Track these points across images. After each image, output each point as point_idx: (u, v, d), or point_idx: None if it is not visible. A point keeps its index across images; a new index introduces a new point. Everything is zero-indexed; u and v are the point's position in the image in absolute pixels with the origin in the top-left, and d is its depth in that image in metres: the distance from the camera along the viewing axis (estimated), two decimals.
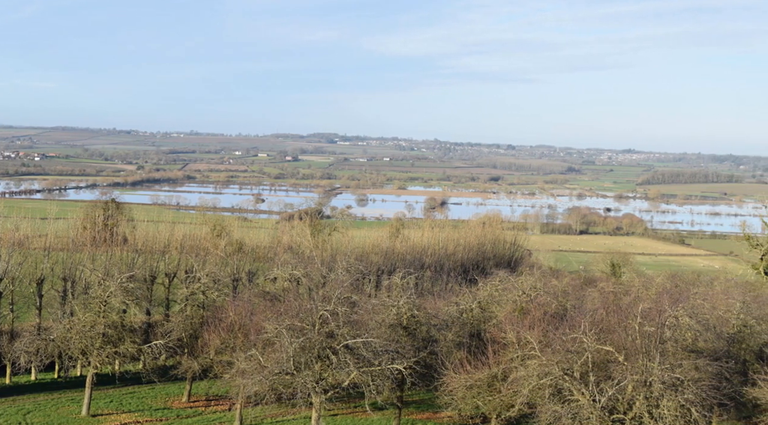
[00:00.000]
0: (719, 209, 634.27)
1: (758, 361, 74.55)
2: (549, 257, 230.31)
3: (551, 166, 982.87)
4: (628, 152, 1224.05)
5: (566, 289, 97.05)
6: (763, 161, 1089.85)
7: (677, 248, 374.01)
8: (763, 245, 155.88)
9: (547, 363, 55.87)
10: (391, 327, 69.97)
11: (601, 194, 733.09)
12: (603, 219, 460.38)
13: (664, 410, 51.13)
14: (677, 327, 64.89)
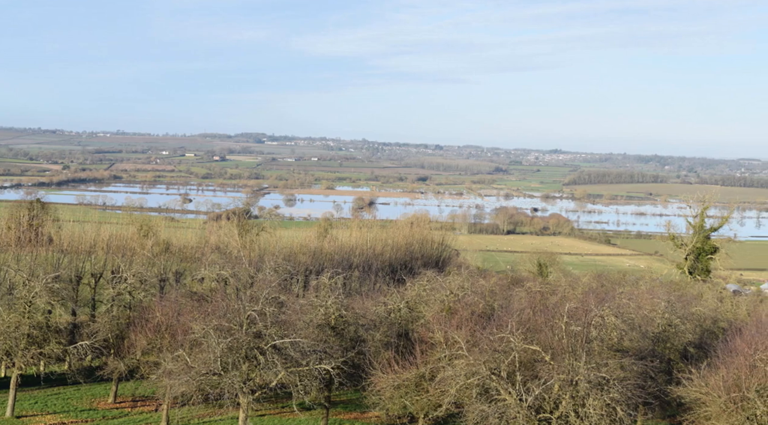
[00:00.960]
0: (644, 209, 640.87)
1: (682, 360, 75.31)
2: (477, 257, 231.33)
3: (479, 166, 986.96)
4: (555, 152, 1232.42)
5: (493, 289, 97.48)
6: (687, 161, 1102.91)
7: (603, 248, 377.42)
8: (687, 245, 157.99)
9: (474, 362, 56.03)
10: (319, 327, 69.90)
11: (528, 194, 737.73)
12: (530, 219, 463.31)
13: (590, 409, 51.52)
14: (603, 327, 65.34)
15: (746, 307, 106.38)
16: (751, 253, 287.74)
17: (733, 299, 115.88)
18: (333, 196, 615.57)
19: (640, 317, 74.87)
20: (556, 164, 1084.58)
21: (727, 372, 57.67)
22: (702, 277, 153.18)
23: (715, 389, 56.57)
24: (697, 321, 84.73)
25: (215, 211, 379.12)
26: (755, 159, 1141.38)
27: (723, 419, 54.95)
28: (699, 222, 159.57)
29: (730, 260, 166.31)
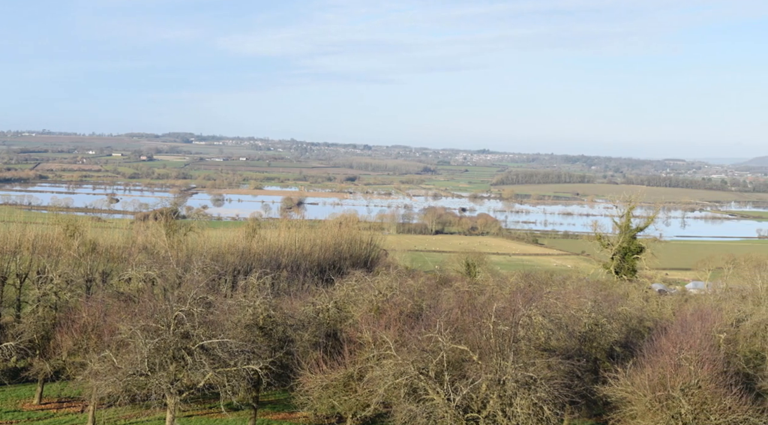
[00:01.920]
0: (572, 209, 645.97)
1: (609, 359, 75.97)
2: (405, 256, 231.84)
3: (407, 166, 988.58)
4: (483, 152, 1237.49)
5: (422, 289, 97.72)
6: (614, 161, 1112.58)
7: (531, 248, 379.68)
8: (613, 245, 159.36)
9: (402, 362, 56.14)
10: (247, 327, 69.64)
11: (456, 194, 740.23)
12: (458, 219, 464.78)
13: (518, 408, 51.81)
14: (530, 326, 65.72)
15: (671, 306, 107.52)
16: (676, 253, 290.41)
17: (659, 299, 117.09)
18: (261, 196, 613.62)
19: (567, 316, 75.35)
20: (484, 164, 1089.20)
21: (652, 371, 58.25)
22: (628, 277, 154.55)
23: (641, 388, 57.12)
24: (623, 320, 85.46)
25: (142, 211, 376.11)
26: (680, 159, 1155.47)
27: (648, 418, 55.50)
28: (625, 222, 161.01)
29: (656, 259, 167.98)
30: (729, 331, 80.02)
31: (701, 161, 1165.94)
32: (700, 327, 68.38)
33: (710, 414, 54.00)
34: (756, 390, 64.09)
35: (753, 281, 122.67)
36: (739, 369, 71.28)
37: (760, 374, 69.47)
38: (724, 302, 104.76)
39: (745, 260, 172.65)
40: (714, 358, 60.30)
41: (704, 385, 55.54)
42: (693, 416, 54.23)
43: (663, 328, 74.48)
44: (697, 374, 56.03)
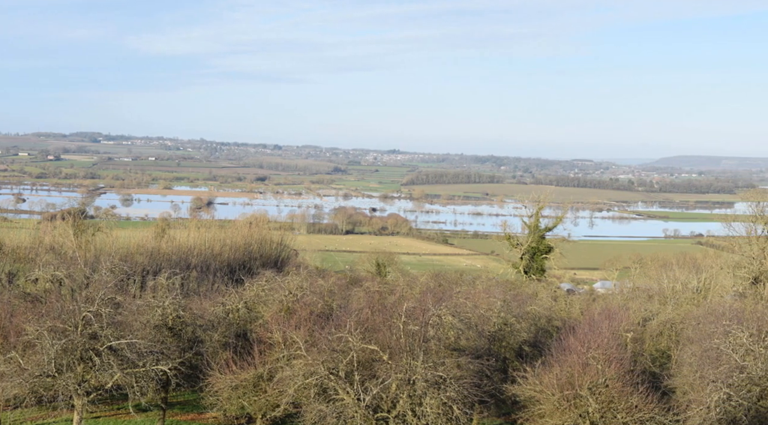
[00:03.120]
0: (481, 209, 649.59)
1: (518, 359, 76.49)
2: (316, 256, 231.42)
3: (318, 166, 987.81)
4: (393, 152, 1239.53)
5: (332, 289, 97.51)
6: (523, 161, 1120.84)
7: (441, 248, 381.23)
8: (522, 245, 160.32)
9: (312, 362, 56.04)
10: (156, 327, 69.10)
11: (366, 194, 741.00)
12: (369, 219, 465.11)
13: (427, 408, 51.99)
14: (440, 326, 65.95)
15: (579, 306, 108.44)
16: (584, 252, 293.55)
17: (567, 298, 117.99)
18: (171, 196, 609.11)
19: (477, 316, 75.70)
20: (394, 164, 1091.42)
21: (560, 370, 58.75)
22: (537, 276, 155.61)
23: (549, 387, 57.58)
24: (532, 319, 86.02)
25: (50, 211, 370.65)
26: (588, 160, 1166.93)
27: (556, 416, 55.98)
28: (534, 222, 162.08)
29: (564, 259, 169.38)
30: (636, 330, 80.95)
31: (609, 162, 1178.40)
32: (608, 327, 69.07)
33: (617, 412, 54.61)
34: (662, 389, 64.89)
35: (659, 280, 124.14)
36: (645, 368, 72.17)
37: (666, 372, 70.40)
38: (631, 301, 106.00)
39: (651, 260, 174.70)
40: (621, 357, 60.98)
41: (611, 384, 56.17)
42: (600, 414, 54.80)
43: (571, 327, 75.05)
44: (605, 373, 56.64)
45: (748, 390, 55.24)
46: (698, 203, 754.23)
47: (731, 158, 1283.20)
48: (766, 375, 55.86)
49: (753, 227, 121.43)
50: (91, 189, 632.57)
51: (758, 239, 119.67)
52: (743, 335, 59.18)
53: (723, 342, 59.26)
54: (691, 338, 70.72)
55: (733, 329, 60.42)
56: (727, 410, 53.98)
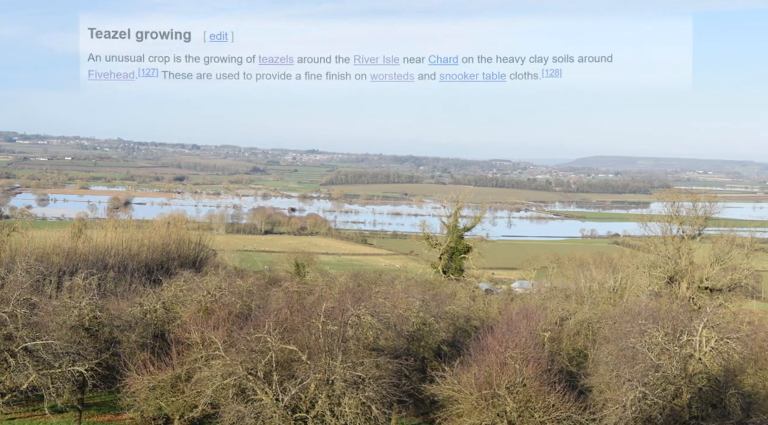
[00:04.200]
0: (400, 209, 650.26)
1: (436, 358, 76.70)
2: (234, 257, 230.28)
3: (236, 166, 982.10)
4: (313, 152, 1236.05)
5: (251, 289, 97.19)
6: (442, 161, 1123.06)
7: (360, 248, 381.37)
8: (441, 245, 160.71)
9: (231, 363, 55.86)
10: (72, 328, 68.46)
11: (286, 194, 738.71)
12: (288, 219, 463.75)
13: (346, 408, 52.04)
14: (359, 326, 65.98)
15: (498, 306, 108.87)
16: (502, 252, 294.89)
17: (485, 298, 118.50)
18: (88, 196, 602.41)
19: (396, 316, 75.78)
20: (313, 164, 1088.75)
21: (479, 370, 59.05)
22: (456, 276, 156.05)
23: (467, 386, 57.85)
24: (450, 319, 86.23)
25: None
26: (506, 160, 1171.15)
27: (474, 416, 56.26)
28: (453, 222, 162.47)
29: (483, 259, 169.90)
30: (553, 330, 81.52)
31: (527, 162, 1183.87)
32: (526, 326, 69.48)
33: (534, 411, 55.04)
34: (579, 388, 65.46)
35: (576, 280, 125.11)
36: (562, 367, 72.71)
37: (582, 371, 70.96)
38: (548, 301, 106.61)
39: (569, 260, 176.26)
40: (539, 356, 61.44)
41: (529, 383, 56.57)
42: (518, 414, 55.19)
43: (489, 327, 75.45)
44: (522, 372, 57.04)
45: (663, 388, 55.92)
46: (615, 203, 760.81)
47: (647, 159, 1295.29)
48: (680, 373, 56.59)
49: (668, 227, 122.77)
50: (6, 189, 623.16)
51: (673, 238, 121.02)
52: (659, 334, 59.91)
53: (639, 341, 59.93)
54: (607, 337, 71.41)
55: (649, 328, 61.12)
56: (642, 408, 54.61)
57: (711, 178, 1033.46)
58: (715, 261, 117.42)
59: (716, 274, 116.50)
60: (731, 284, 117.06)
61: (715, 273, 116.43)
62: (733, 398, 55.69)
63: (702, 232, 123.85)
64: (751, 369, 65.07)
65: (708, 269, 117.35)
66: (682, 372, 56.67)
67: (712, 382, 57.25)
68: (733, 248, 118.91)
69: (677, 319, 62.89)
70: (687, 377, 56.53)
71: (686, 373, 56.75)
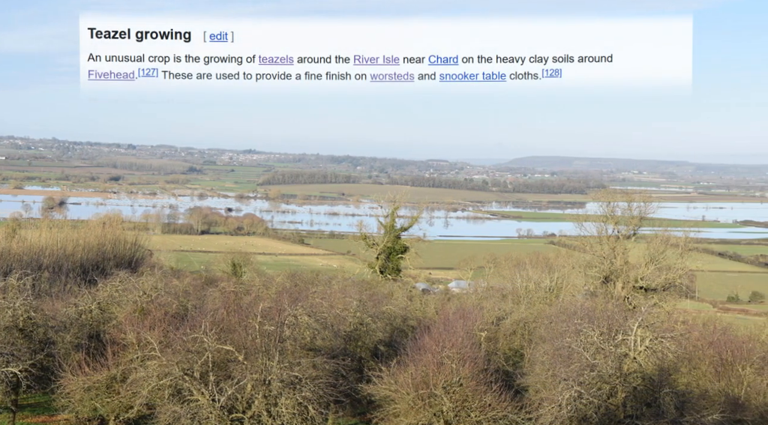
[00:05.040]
0: (338, 209, 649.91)
1: (373, 358, 76.74)
2: (171, 257, 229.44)
3: (172, 166, 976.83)
4: (249, 152, 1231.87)
5: (188, 289, 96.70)
6: (379, 161, 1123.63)
7: (297, 248, 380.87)
8: (378, 245, 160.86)
9: (167, 363, 55.61)
10: (6, 329, 67.78)
11: (222, 194, 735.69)
12: (225, 219, 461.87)
13: (282, 408, 51.98)
14: (296, 326, 65.89)
15: (434, 305, 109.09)
16: (439, 252, 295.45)
17: (423, 298, 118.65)
18: (22, 196, 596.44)
19: (333, 316, 75.81)
20: (250, 164, 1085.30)
21: (415, 370, 59.15)
22: (393, 276, 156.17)
23: (404, 386, 57.94)
24: (387, 319, 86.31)
25: None
26: (443, 160, 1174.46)
27: (411, 415, 56.36)
28: (390, 222, 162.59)
29: (420, 259, 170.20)
30: (490, 329, 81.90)
31: (464, 162, 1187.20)
32: (462, 326, 69.76)
33: (471, 411, 55.23)
34: (515, 387, 65.86)
35: (513, 280, 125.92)
36: (499, 367, 73.05)
37: (519, 371, 71.40)
38: (485, 300, 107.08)
39: (505, 260, 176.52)
40: (475, 356, 61.67)
41: (465, 383, 56.76)
42: (454, 413, 55.34)
43: (426, 327, 75.59)
44: (459, 372, 57.20)
45: (598, 388, 56.29)
46: (551, 203, 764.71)
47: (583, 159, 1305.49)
48: (615, 373, 57.00)
49: (604, 227, 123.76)
50: None
51: (609, 238, 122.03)
52: (594, 333, 60.31)
53: (574, 341, 60.31)
54: (543, 337, 71.84)
55: (585, 327, 61.53)
56: (578, 408, 54.95)
57: (646, 178, 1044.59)
58: (649, 261, 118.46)
59: (651, 274, 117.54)
60: (666, 284, 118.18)
61: (649, 273, 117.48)
62: (667, 397, 56.12)
63: (637, 232, 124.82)
64: (685, 368, 65.90)
65: (643, 269, 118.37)
66: (617, 372, 57.06)
67: (646, 381, 57.64)
68: (668, 248, 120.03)
69: (612, 319, 63.34)
70: (622, 376, 56.91)
71: (621, 372, 57.14)
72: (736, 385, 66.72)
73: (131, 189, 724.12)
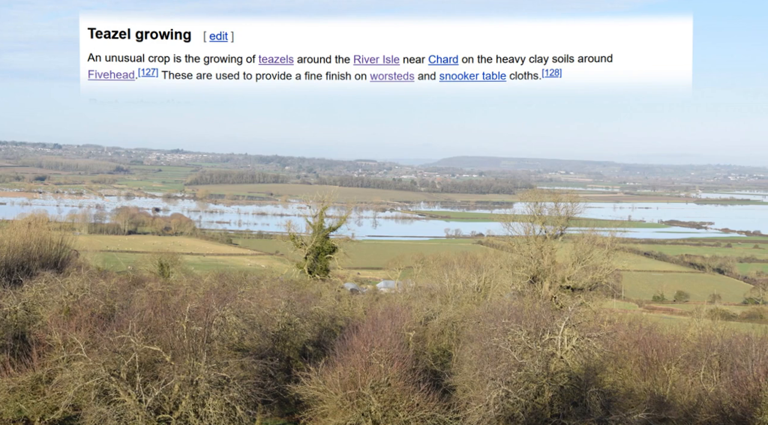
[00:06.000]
0: (266, 209, 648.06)
1: (302, 358, 76.66)
2: (97, 257, 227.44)
3: (99, 165, 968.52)
4: (177, 152, 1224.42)
5: (114, 289, 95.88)
6: (307, 161, 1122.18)
7: (225, 248, 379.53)
8: (307, 245, 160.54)
9: (93, 364, 55.16)
10: None
11: (150, 194, 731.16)
12: (152, 219, 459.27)
13: (210, 408, 51.82)
14: (224, 326, 65.67)
15: (363, 305, 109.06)
16: (368, 252, 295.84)
17: (351, 298, 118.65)
18: None
19: (261, 316, 75.59)
20: (178, 164, 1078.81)
21: (343, 370, 59.17)
22: (321, 276, 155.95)
23: (332, 386, 57.95)
24: (316, 319, 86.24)
25: None
26: (372, 160, 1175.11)
27: (339, 415, 56.39)
28: (318, 222, 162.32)
29: (348, 259, 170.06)
30: (418, 329, 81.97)
31: (392, 162, 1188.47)
32: (390, 326, 69.79)
33: (399, 410, 55.39)
34: (443, 387, 66.03)
35: (441, 279, 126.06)
36: (427, 366, 73.18)
37: (447, 371, 71.54)
38: (413, 300, 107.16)
39: (433, 259, 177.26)
40: (403, 356, 61.80)
41: (394, 383, 56.90)
42: (382, 413, 55.46)
43: (355, 327, 75.53)
44: (387, 372, 57.34)
45: (525, 387, 56.63)
46: (479, 203, 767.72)
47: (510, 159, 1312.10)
48: (542, 372, 57.37)
49: (531, 227, 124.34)
50: None
51: (536, 238, 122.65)
52: (521, 333, 60.65)
53: (502, 340, 60.57)
54: (471, 336, 72.04)
55: (512, 327, 61.84)
56: (505, 407, 55.25)
57: (573, 178, 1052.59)
58: (576, 261, 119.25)
59: (578, 273, 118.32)
60: (592, 284, 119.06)
61: (576, 273, 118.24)
62: (594, 396, 56.58)
63: (564, 232, 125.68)
64: (611, 368, 66.42)
65: (570, 269, 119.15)
66: (544, 371, 57.44)
67: (573, 380, 58.08)
68: (594, 247, 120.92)
69: (540, 318, 63.73)
70: (549, 375, 57.31)
71: (548, 372, 57.53)
72: (661, 384, 67.38)
73: (57, 189, 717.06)
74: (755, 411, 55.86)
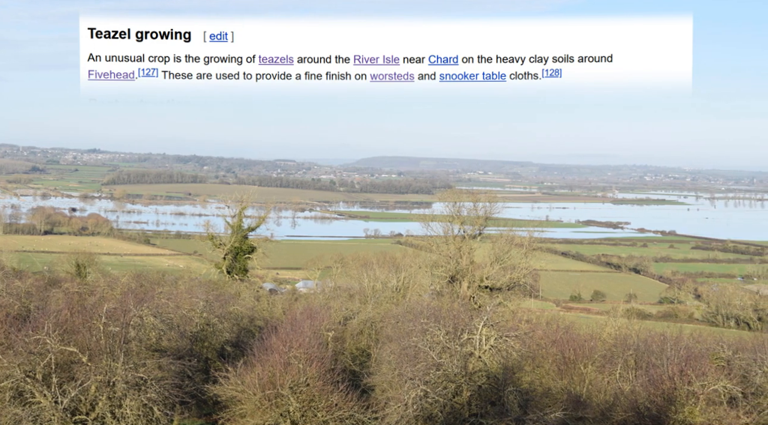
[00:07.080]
0: (184, 209, 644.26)
1: (220, 359, 76.36)
2: (12, 257, 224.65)
3: (14, 165, 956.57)
4: (94, 151, 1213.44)
5: (30, 290, 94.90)
6: (226, 161, 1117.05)
7: (143, 248, 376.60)
8: (225, 245, 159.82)
9: (8, 365, 54.50)
10: None
11: (66, 194, 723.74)
12: (69, 219, 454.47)
13: (127, 410, 51.50)
14: (142, 327, 65.27)
15: (282, 305, 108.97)
16: (287, 252, 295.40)
17: (270, 298, 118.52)
18: None
19: (179, 316, 75.21)
20: (95, 164, 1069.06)
21: (262, 370, 59.03)
22: (240, 276, 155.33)
23: (251, 386, 57.78)
24: (234, 319, 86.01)
25: None
26: (291, 160, 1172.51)
27: (258, 416, 56.26)
28: (237, 222, 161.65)
29: (267, 259, 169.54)
30: (337, 329, 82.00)
31: (311, 162, 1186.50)
32: (310, 326, 69.82)
33: (318, 410, 55.39)
34: (362, 387, 66.13)
35: (360, 279, 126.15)
36: (346, 366, 73.25)
37: (366, 371, 71.68)
38: (332, 300, 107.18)
39: (352, 259, 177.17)
40: (322, 356, 61.82)
41: (312, 383, 56.89)
42: (301, 413, 55.43)
43: (273, 327, 75.40)
44: (306, 372, 57.31)
45: (444, 386, 56.89)
46: (398, 203, 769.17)
47: (429, 159, 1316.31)
48: (461, 371, 57.65)
49: (450, 227, 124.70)
50: None
51: (455, 238, 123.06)
52: (440, 333, 60.88)
53: (421, 340, 60.79)
54: (390, 336, 72.18)
55: (431, 327, 62.06)
56: (423, 407, 55.48)
57: (491, 178, 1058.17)
58: (494, 260, 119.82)
59: (496, 273, 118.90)
60: (510, 283, 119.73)
61: (494, 272, 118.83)
62: (512, 395, 56.98)
63: (482, 232, 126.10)
64: (529, 367, 66.85)
65: (488, 269, 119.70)
66: (462, 371, 57.73)
67: (491, 380, 58.43)
68: (513, 247, 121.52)
69: (458, 318, 64.04)
70: (467, 375, 57.61)
71: (466, 371, 57.83)
72: (578, 383, 67.93)
73: None
74: (670, 410, 56.58)
